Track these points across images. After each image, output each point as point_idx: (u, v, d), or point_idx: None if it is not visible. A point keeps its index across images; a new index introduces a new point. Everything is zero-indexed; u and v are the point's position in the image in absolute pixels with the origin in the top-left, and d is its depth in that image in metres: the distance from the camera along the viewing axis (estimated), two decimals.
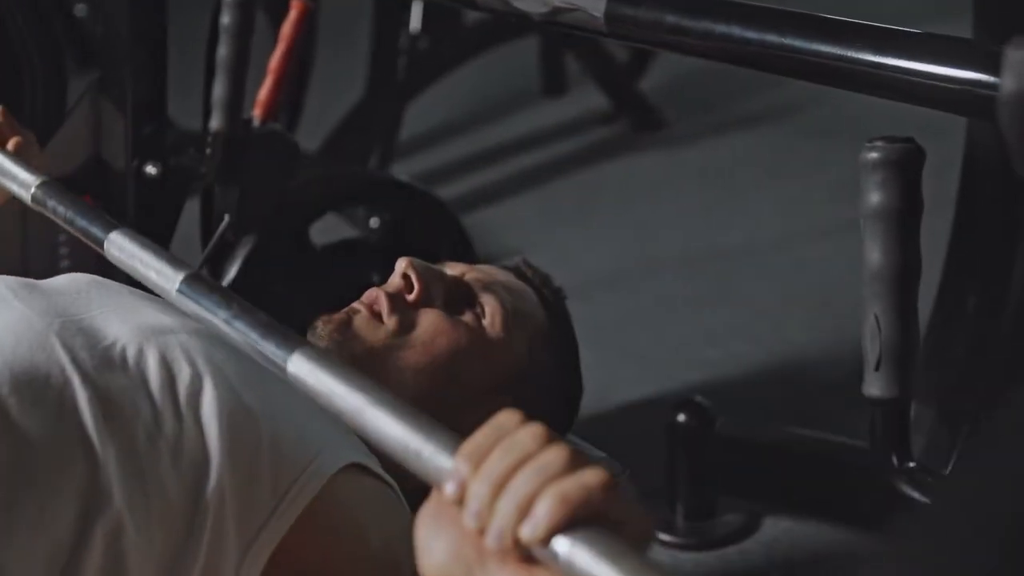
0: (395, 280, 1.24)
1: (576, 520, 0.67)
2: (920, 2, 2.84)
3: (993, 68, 0.83)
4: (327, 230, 1.77)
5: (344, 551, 1.03)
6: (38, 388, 0.98)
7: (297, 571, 1.00)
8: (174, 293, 0.94)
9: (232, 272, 1.52)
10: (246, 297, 1.54)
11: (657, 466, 1.59)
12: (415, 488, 1.09)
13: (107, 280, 1.20)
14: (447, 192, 2.55)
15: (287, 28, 1.44)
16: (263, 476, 1.00)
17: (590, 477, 0.68)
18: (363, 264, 1.60)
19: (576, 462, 0.69)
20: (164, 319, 1.09)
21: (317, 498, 1.01)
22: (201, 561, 0.97)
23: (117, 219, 1.48)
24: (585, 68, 2.95)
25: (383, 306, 1.21)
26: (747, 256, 2.32)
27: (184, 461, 0.98)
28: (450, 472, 0.71)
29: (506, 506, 0.68)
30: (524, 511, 0.67)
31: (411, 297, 1.23)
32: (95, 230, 1.05)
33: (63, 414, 0.98)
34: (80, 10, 1.79)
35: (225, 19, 1.43)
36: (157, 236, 1.50)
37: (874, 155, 1.13)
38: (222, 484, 0.98)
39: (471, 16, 2.72)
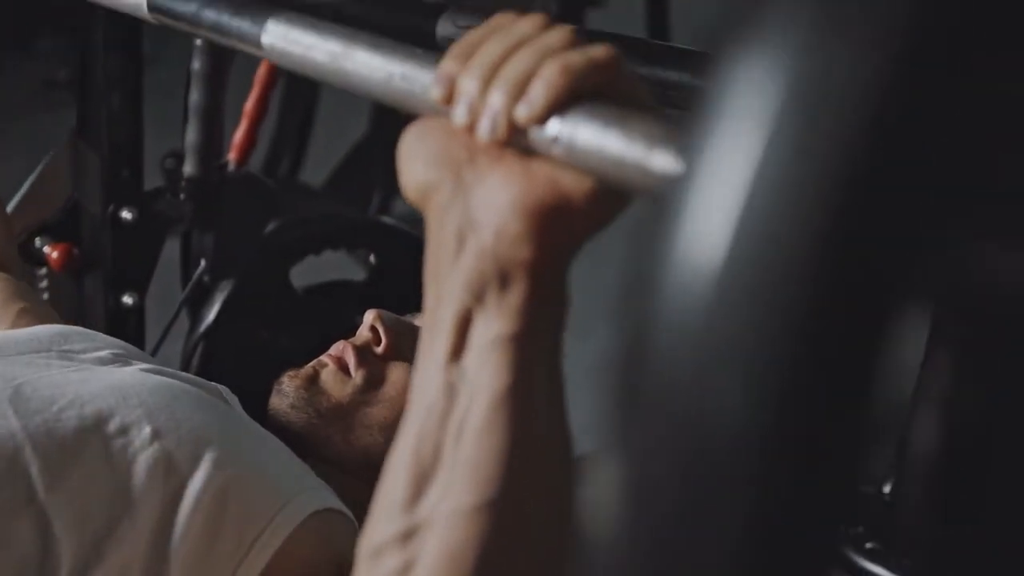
0: (363, 332, 1.23)
1: (580, 95, 0.57)
2: None
3: None
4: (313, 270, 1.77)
5: None
6: None
7: None
8: (146, 9, 0.90)
9: (210, 316, 1.52)
10: (225, 342, 1.55)
11: None
12: None
13: (73, 331, 1.19)
14: None
15: (262, 71, 1.44)
16: (227, 533, 0.98)
17: (596, 51, 0.58)
18: (345, 307, 1.59)
19: (580, 40, 0.59)
20: (124, 377, 1.08)
21: (282, 549, 0.99)
22: None
23: (95, 264, 1.50)
24: None
25: (350, 360, 1.19)
26: None
27: (141, 523, 0.96)
28: (436, 75, 0.62)
29: (500, 88, 0.59)
30: (520, 92, 0.58)
31: (379, 350, 1.21)
32: None
33: (14, 481, 0.96)
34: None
35: (196, 65, 1.43)
36: (134, 281, 1.52)
37: None
38: (182, 543, 0.96)
39: None
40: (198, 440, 1.00)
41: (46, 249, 1.49)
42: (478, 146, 0.61)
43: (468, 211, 0.61)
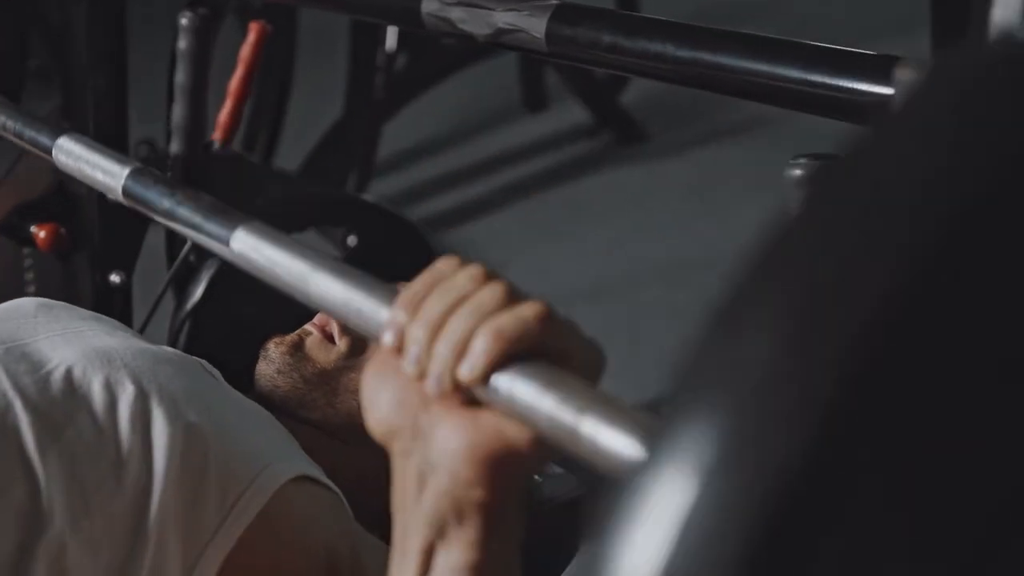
0: None
1: (515, 355, 0.65)
2: (882, 18, 2.85)
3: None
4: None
5: (290, 555, 1.03)
6: None
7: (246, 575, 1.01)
8: (120, 194, 0.96)
9: (197, 294, 1.53)
10: (211, 319, 1.56)
11: None
12: (371, 506, 1.11)
13: (54, 303, 1.21)
14: (429, 209, 2.57)
15: (246, 50, 1.45)
16: (209, 492, 1.00)
17: (526, 310, 0.66)
18: None
19: (513, 297, 0.67)
20: (110, 341, 1.10)
21: (264, 511, 1.01)
22: None
23: (82, 243, 1.51)
24: (565, 82, 2.96)
25: (334, 327, 1.22)
26: (728, 267, 2.33)
27: (128, 480, 0.99)
28: (387, 321, 0.70)
29: (443, 348, 0.66)
30: (461, 351, 0.66)
31: None
32: (43, 139, 1.07)
33: (4, 437, 0.99)
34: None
35: (181, 44, 1.44)
36: (121, 260, 1.53)
37: (798, 172, 1.13)
38: (167, 502, 0.99)
39: None
40: (178, 403, 1.03)
41: (32, 229, 1.50)
42: (430, 394, 0.68)
43: (426, 454, 0.69)
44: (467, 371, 0.65)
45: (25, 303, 1.19)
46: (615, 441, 0.59)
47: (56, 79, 1.44)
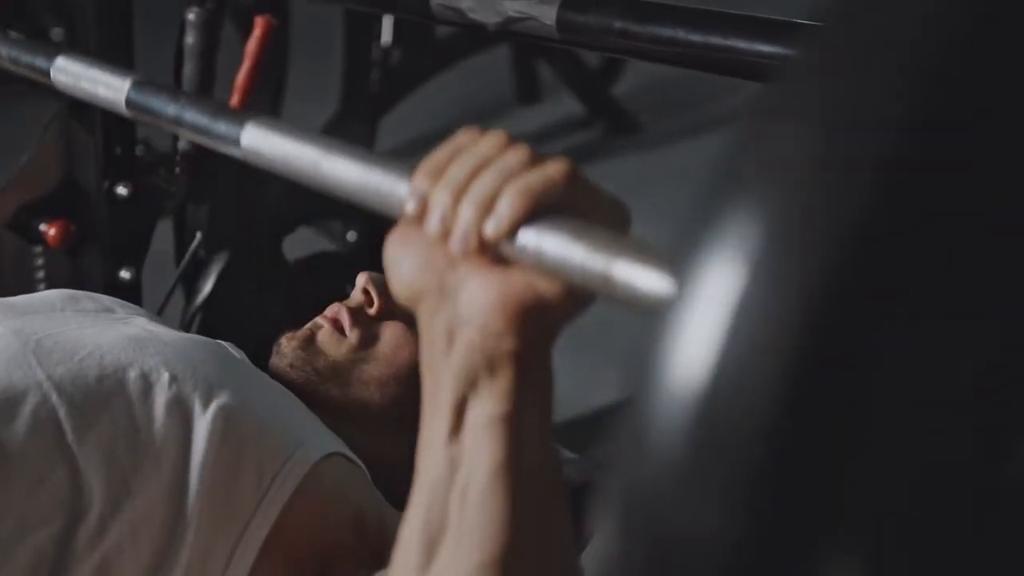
0: (356, 295, 1.27)
1: (541, 210, 0.64)
2: None
3: None
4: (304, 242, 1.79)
5: (327, 530, 1.05)
6: (16, 405, 1.00)
7: (287, 558, 1.03)
8: (124, 106, 0.95)
9: (206, 288, 1.54)
10: (221, 313, 1.57)
11: None
12: (389, 488, 1.12)
13: (81, 293, 1.22)
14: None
15: (252, 45, 1.46)
16: (246, 473, 1.02)
17: (551, 168, 0.66)
18: (336, 277, 1.61)
19: (539, 158, 0.67)
20: (139, 331, 1.12)
21: (299, 489, 1.03)
22: (184, 562, 0.99)
23: (91, 240, 1.52)
24: (558, 74, 2.97)
25: (345, 320, 1.23)
26: None
27: (166, 465, 1.00)
28: (410, 190, 0.69)
29: (468, 207, 0.66)
30: (487, 209, 0.65)
31: (372, 311, 1.25)
32: (39, 61, 1.05)
33: (42, 427, 1.00)
34: (56, 34, 1.81)
35: (189, 40, 1.45)
36: (131, 256, 1.53)
37: None
38: (205, 485, 1.00)
39: (442, 28, 2.74)
40: (212, 385, 1.05)
41: (42, 227, 1.51)
42: (456, 255, 0.68)
43: (455, 311, 0.68)
44: (493, 227, 0.65)
45: (51, 295, 1.20)
46: (652, 281, 0.58)
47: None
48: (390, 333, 1.24)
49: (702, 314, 0.43)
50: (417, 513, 0.73)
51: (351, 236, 1.76)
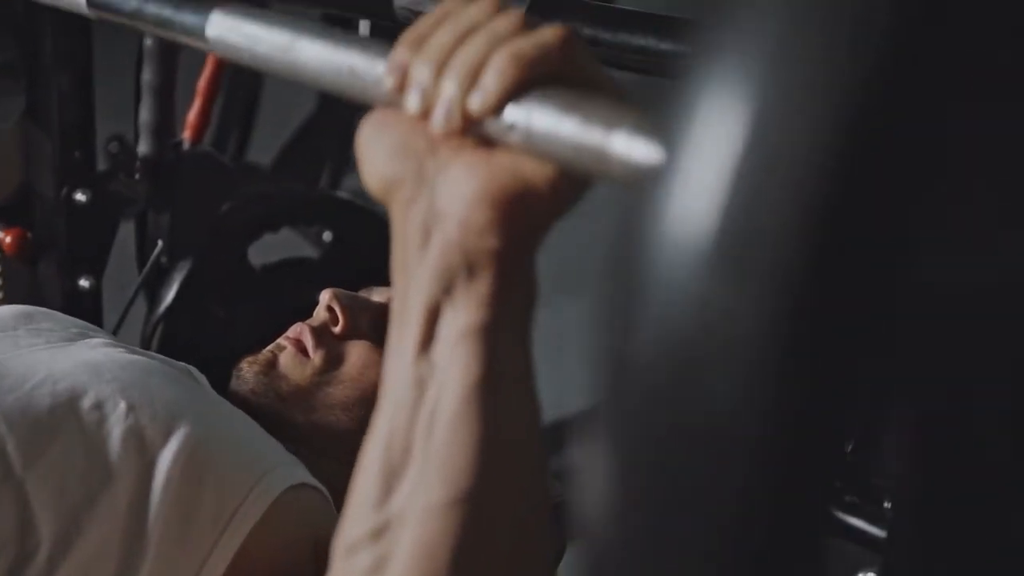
0: (320, 313, 1.22)
1: (532, 82, 0.57)
2: None
3: None
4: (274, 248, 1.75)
5: (287, 559, 1.01)
6: None
7: None
8: (85, 6, 0.88)
9: (169, 297, 1.50)
10: (184, 322, 1.53)
11: None
12: None
13: (37, 310, 1.18)
14: None
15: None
16: (206, 504, 0.98)
17: (544, 33, 0.58)
18: (304, 284, 1.58)
19: (532, 24, 0.60)
20: (95, 353, 1.07)
21: (260, 522, 0.99)
22: None
23: (49, 248, 1.48)
24: None
25: (308, 341, 1.19)
26: None
27: (121, 499, 0.96)
28: (388, 64, 0.61)
29: (451, 79, 0.58)
30: (472, 81, 0.58)
31: (337, 330, 1.21)
32: None
33: None
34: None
35: (148, 42, 1.41)
36: (90, 264, 1.49)
37: None
38: (162, 517, 0.96)
39: None
40: (171, 415, 1.00)
41: None
42: (437, 136, 0.60)
43: (432, 203, 0.61)
44: (479, 100, 0.57)
45: (3, 313, 1.15)
46: (654, 153, 0.51)
47: (22, 77, 1.40)
48: (356, 353, 1.19)
49: (707, 156, 0.39)
50: (378, 439, 0.64)
51: (327, 237, 1.72)
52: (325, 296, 1.22)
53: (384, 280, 1.29)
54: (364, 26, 2.59)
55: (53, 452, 0.96)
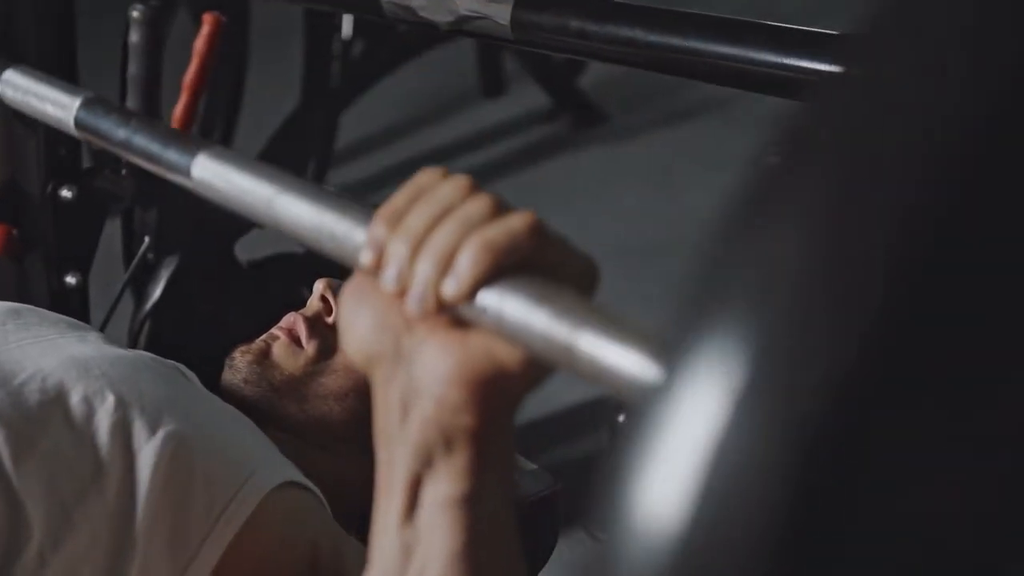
0: (313, 303, 1.22)
1: (503, 269, 0.60)
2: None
3: None
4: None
5: (278, 562, 1.01)
6: None
7: None
8: (72, 125, 0.91)
9: (156, 293, 1.50)
10: (171, 319, 1.53)
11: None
12: (350, 511, 1.08)
13: (24, 307, 1.17)
14: (388, 197, 2.54)
15: (200, 43, 1.42)
16: (195, 502, 0.98)
17: (515, 221, 0.61)
18: (291, 279, 1.57)
19: (501, 209, 0.62)
20: (85, 349, 1.07)
21: (250, 519, 0.99)
22: None
23: (35, 245, 1.47)
24: (523, 67, 2.94)
25: (302, 331, 1.19)
26: (689, 249, 2.32)
27: (110, 493, 0.96)
28: (366, 238, 0.64)
29: (426, 264, 0.62)
30: (446, 266, 0.61)
31: (330, 319, 1.21)
32: None
33: None
34: None
35: (134, 37, 1.40)
36: (77, 261, 1.49)
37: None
38: (151, 513, 0.96)
39: None
40: (160, 410, 1.00)
41: None
42: (413, 314, 0.63)
43: (410, 380, 0.64)
44: (452, 287, 0.61)
45: None
46: (620, 358, 0.54)
47: None
48: None
49: (675, 456, 0.37)
50: None
51: None
52: (319, 286, 1.22)
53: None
54: (348, 21, 2.59)
55: (42, 446, 0.96)
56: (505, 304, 0.59)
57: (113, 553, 0.94)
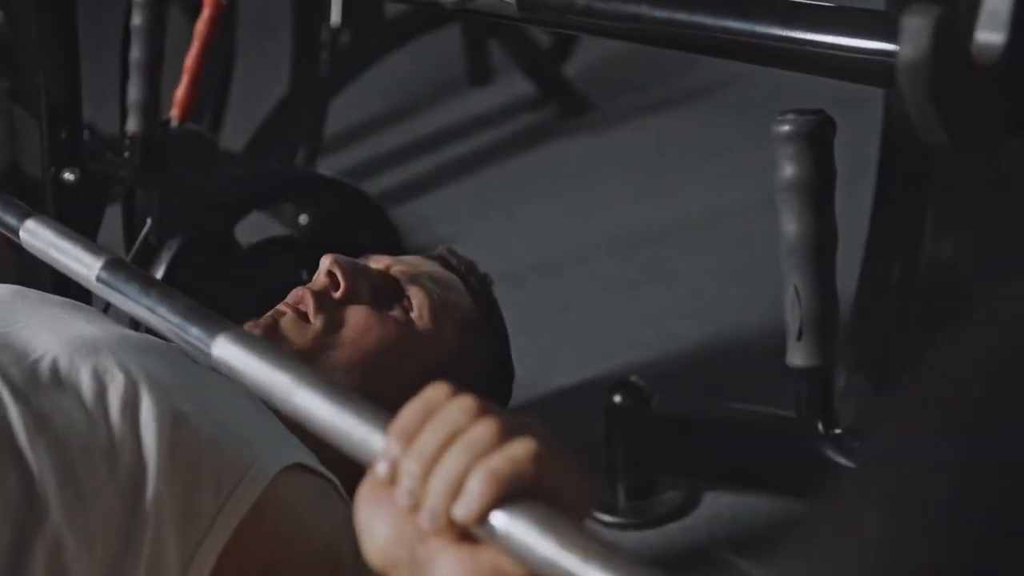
0: (320, 278, 1.24)
1: (509, 494, 0.67)
2: None
3: (892, 36, 0.84)
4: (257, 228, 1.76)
5: (289, 549, 1.02)
6: None
7: (243, 571, 1.00)
8: (94, 281, 0.92)
9: (158, 275, 1.50)
10: None
11: (596, 448, 1.60)
12: (358, 477, 1.09)
13: (29, 290, 1.18)
14: (377, 185, 2.55)
15: (201, 26, 1.43)
16: (204, 481, 0.99)
17: (518, 450, 0.68)
18: (291, 261, 1.59)
19: (505, 434, 0.69)
20: (93, 329, 1.08)
21: (260, 499, 1.00)
22: (142, 570, 0.95)
23: None
24: (509, 55, 2.95)
25: (309, 305, 1.20)
26: (678, 235, 2.34)
27: (121, 470, 0.97)
28: (381, 452, 0.71)
29: (437, 486, 0.68)
30: (456, 490, 0.68)
31: (337, 294, 1.22)
32: (10, 218, 1.03)
33: None
34: None
35: (136, 20, 1.41)
36: None
37: (786, 128, 1.14)
38: (161, 491, 0.97)
39: (392, 8, 2.70)
40: (168, 389, 1.01)
41: None
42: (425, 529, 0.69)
43: None
44: (463, 511, 0.67)
45: (1, 291, 1.15)
46: None
47: (5, 58, 1.40)
48: (356, 317, 1.21)
49: None
50: None
51: (303, 219, 1.73)
52: (326, 261, 1.24)
53: (368, 252, 1.30)
54: (336, 9, 2.60)
55: (56, 422, 0.97)
56: (512, 528, 0.66)
57: (124, 530, 0.95)
